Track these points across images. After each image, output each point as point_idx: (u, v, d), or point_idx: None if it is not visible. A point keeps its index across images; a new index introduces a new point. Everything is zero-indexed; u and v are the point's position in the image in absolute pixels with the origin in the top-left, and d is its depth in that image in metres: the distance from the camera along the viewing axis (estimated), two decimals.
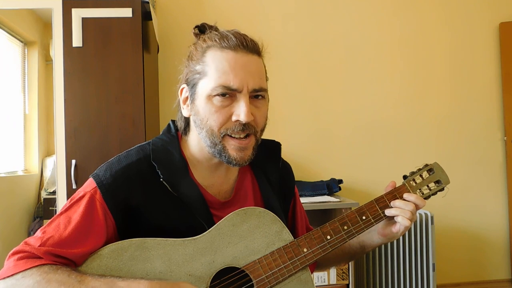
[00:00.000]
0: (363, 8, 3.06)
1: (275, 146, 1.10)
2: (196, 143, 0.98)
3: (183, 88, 0.98)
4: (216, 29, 0.99)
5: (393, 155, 3.06)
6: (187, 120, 1.00)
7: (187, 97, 0.97)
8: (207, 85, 0.91)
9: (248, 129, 0.91)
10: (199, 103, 0.93)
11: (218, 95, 0.89)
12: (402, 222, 1.00)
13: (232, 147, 0.92)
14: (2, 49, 2.49)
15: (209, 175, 1.00)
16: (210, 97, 0.90)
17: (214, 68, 0.91)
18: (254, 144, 0.94)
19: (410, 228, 2.57)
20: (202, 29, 1.00)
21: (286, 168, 1.14)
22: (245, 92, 0.90)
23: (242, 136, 0.92)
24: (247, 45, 0.92)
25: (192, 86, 0.94)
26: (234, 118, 0.90)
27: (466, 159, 3.13)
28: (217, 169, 1.00)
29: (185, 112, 0.98)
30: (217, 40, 0.92)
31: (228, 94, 0.90)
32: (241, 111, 0.89)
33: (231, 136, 0.91)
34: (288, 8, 3.00)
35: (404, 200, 1.03)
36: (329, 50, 3.03)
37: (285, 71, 2.94)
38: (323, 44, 3.02)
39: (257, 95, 0.93)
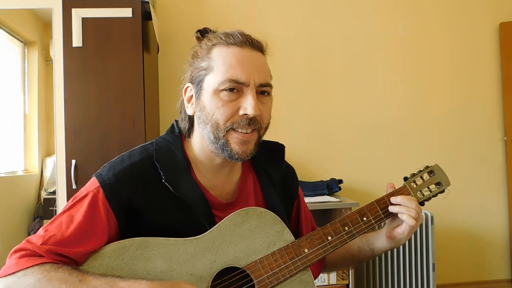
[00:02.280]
0: (364, 9, 3.06)
1: (279, 148, 1.10)
2: (198, 143, 0.98)
3: (187, 87, 0.98)
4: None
5: (393, 155, 3.06)
6: (191, 120, 0.99)
7: (191, 96, 0.97)
8: (214, 79, 0.91)
9: (254, 124, 0.92)
10: (205, 98, 0.93)
11: (225, 90, 0.90)
12: (407, 221, 0.98)
13: (236, 140, 0.91)
14: (2, 49, 2.49)
15: (212, 176, 1.00)
16: (217, 91, 0.91)
17: (221, 62, 0.91)
18: (256, 140, 0.95)
19: None
20: (203, 33, 1.01)
21: (289, 170, 1.14)
22: (252, 86, 0.91)
23: (248, 131, 0.92)
24: (252, 42, 0.94)
25: (198, 83, 0.94)
26: (241, 112, 0.90)
27: (466, 159, 3.14)
28: (220, 170, 1.00)
29: (189, 111, 0.97)
30: (222, 37, 0.94)
31: (236, 88, 0.90)
32: (248, 105, 0.90)
33: (235, 130, 0.91)
34: (288, 9, 2.99)
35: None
36: (330, 51, 3.03)
37: (286, 71, 2.94)
38: (324, 45, 3.02)
39: (263, 91, 0.94)
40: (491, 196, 3.16)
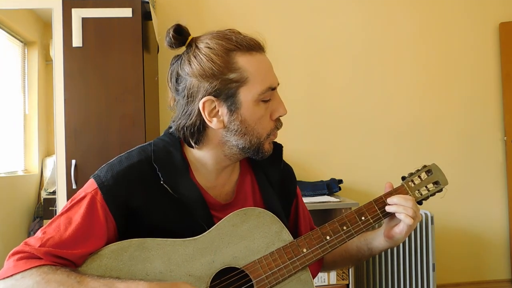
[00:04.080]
0: (364, 9, 3.06)
1: (277, 148, 1.10)
2: (208, 150, 0.96)
3: (206, 101, 0.90)
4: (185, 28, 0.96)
5: (393, 155, 3.06)
6: (199, 131, 0.94)
7: (214, 109, 0.91)
8: (252, 90, 0.91)
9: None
10: (245, 111, 0.91)
11: (264, 99, 0.92)
12: (405, 220, 0.98)
13: (270, 141, 0.98)
14: (2, 49, 2.49)
15: (212, 177, 0.99)
16: (257, 102, 0.92)
17: (254, 72, 0.91)
18: None
19: None
20: (179, 32, 0.95)
21: (287, 170, 1.14)
22: (276, 89, 0.96)
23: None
24: (260, 44, 0.95)
25: (229, 96, 0.90)
26: (276, 116, 0.96)
27: (466, 159, 3.13)
28: (222, 171, 1.00)
29: (216, 125, 0.91)
30: (235, 44, 0.90)
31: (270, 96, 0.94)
32: (280, 106, 0.96)
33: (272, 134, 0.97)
34: (288, 9, 2.99)
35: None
36: (330, 51, 3.03)
37: (285, 71, 2.94)
38: (324, 44, 3.02)
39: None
40: (491, 196, 3.16)
